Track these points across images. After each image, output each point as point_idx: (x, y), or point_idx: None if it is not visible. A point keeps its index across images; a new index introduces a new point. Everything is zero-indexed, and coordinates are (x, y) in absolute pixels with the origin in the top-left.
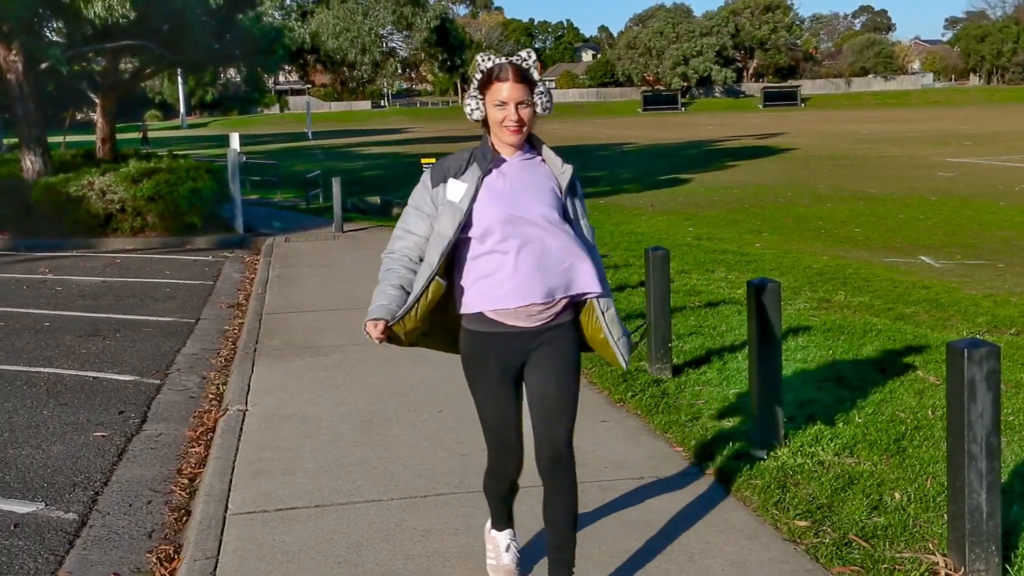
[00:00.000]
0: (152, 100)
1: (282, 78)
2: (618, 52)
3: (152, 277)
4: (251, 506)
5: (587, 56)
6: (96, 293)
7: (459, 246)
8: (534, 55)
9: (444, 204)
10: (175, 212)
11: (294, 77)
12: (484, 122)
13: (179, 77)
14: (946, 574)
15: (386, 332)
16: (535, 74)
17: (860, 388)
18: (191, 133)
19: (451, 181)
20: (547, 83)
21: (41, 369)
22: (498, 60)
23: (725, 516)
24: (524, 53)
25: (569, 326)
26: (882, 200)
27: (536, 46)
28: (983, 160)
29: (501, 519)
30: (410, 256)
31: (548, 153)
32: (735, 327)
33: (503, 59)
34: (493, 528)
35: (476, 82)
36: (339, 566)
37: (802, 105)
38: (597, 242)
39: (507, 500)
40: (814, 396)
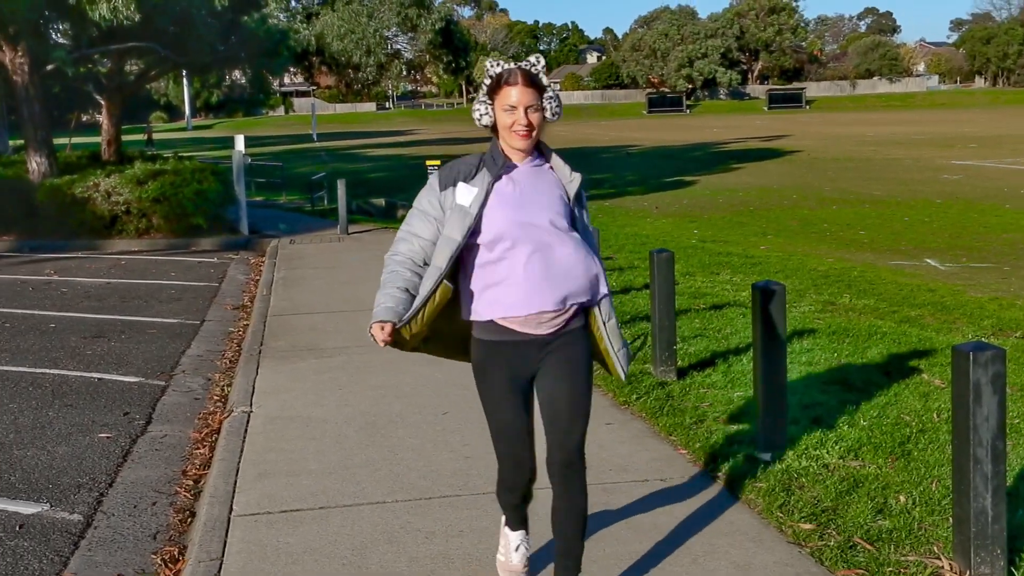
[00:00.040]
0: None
1: (287, 80)
2: (623, 54)
3: (157, 279)
4: (255, 508)
5: (592, 58)
6: (101, 295)
7: (466, 252)
8: (543, 60)
9: (453, 208)
10: (180, 214)
11: (299, 79)
12: (493, 128)
13: (184, 79)
14: None
15: (392, 335)
16: (544, 79)
17: (865, 391)
18: (196, 135)
19: (461, 185)
20: (555, 88)
21: (46, 370)
22: (507, 65)
23: (730, 519)
24: (533, 58)
25: (580, 332)
26: (887, 203)
27: (541, 48)
28: (988, 163)
29: (515, 521)
30: (414, 259)
31: (557, 161)
32: (740, 330)
33: (512, 64)
34: (507, 526)
35: (485, 87)
36: (343, 568)
37: (807, 107)
38: (601, 243)
39: (520, 509)
40: (819, 399)
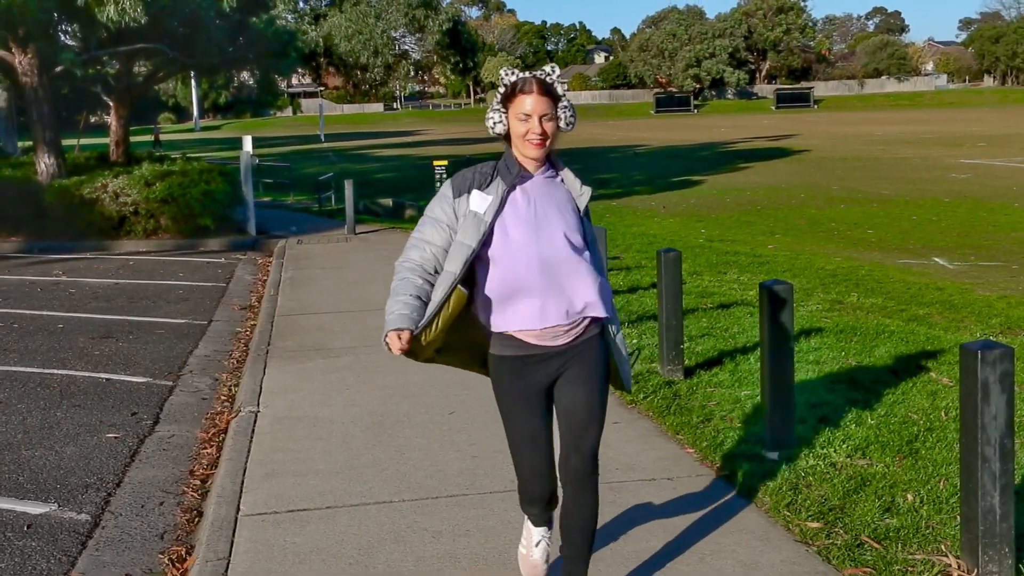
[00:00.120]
0: (165, 103)
1: (295, 81)
2: (631, 54)
3: (165, 279)
4: (263, 507)
5: (600, 58)
6: (109, 295)
7: (478, 261)
8: (558, 69)
9: (467, 215)
10: (188, 214)
11: (307, 80)
12: (506, 136)
13: (192, 80)
14: None
15: (409, 343)
16: (559, 88)
17: (872, 389)
18: (204, 136)
19: (475, 192)
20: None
21: (54, 371)
22: (522, 74)
23: (737, 517)
24: (548, 68)
25: (597, 339)
26: (895, 202)
27: (548, 48)
28: (997, 161)
29: (538, 519)
30: (425, 267)
31: (568, 174)
32: (747, 329)
33: (527, 73)
34: (530, 522)
35: (499, 96)
36: (350, 567)
37: (815, 107)
38: (608, 243)
39: (543, 514)
40: (826, 398)
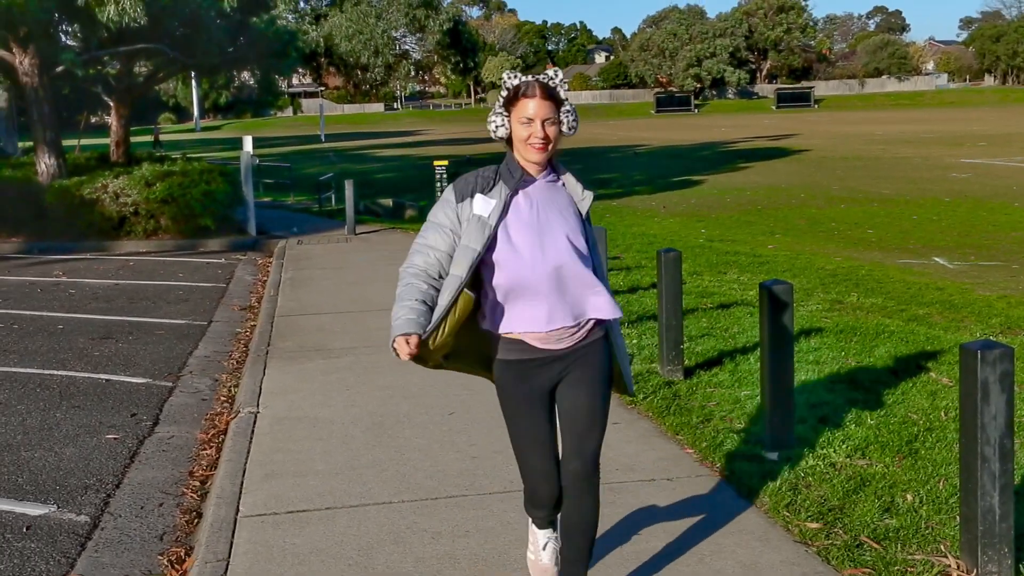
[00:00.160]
0: (166, 103)
1: (295, 81)
2: (631, 54)
3: (165, 280)
4: (262, 508)
5: (600, 58)
6: (109, 296)
7: (483, 266)
8: (560, 74)
9: (471, 219)
10: (188, 215)
11: (307, 80)
12: (508, 140)
13: (193, 80)
14: None
15: (418, 347)
16: (562, 92)
17: (872, 390)
18: (204, 136)
19: (478, 196)
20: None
21: (54, 372)
22: (525, 78)
23: (736, 518)
24: (551, 72)
25: (600, 343)
26: (896, 201)
27: (549, 48)
28: (998, 161)
29: (542, 522)
30: (429, 272)
31: (569, 179)
32: (747, 329)
33: (530, 77)
34: (534, 523)
35: (501, 99)
36: (349, 568)
37: (815, 106)
38: (608, 243)
39: (549, 517)
40: (826, 398)
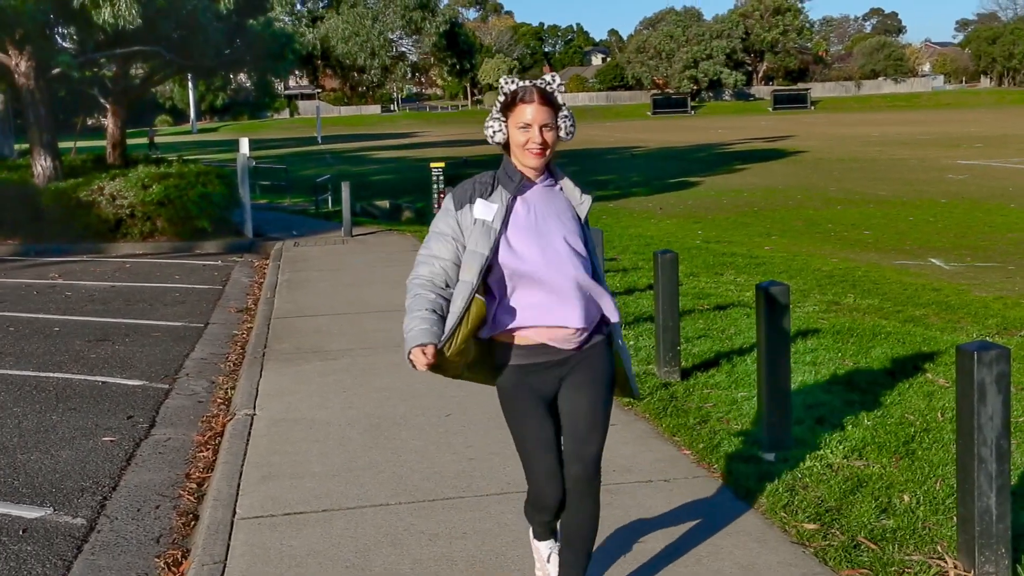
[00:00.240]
0: (162, 105)
1: (292, 83)
2: (628, 56)
3: (161, 282)
4: (259, 510)
5: (597, 60)
6: (105, 298)
7: (487, 273)
8: (558, 79)
9: (474, 224)
10: (185, 217)
11: (304, 82)
12: (505, 146)
13: (189, 82)
14: None
15: (435, 357)
16: (560, 98)
17: (869, 391)
18: (201, 138)
19: (479, 202)
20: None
21: (50, 374)
22: (522, 83)
23: (734, 519)
24: (548, 77)
25: (602, 346)
26: (892, 203)
27: (546, 50)
28: (994, 162)
29: (543, 533)
30: (436, 281)
31: (567, 183)
32: (744, 330)
33: (527, 82)
34: (535, 539)
35: (499, 104)
36: (347, 570)
37: (812, 108)
38: (605, 245)
39: (550, 524)
40: (823, 399)
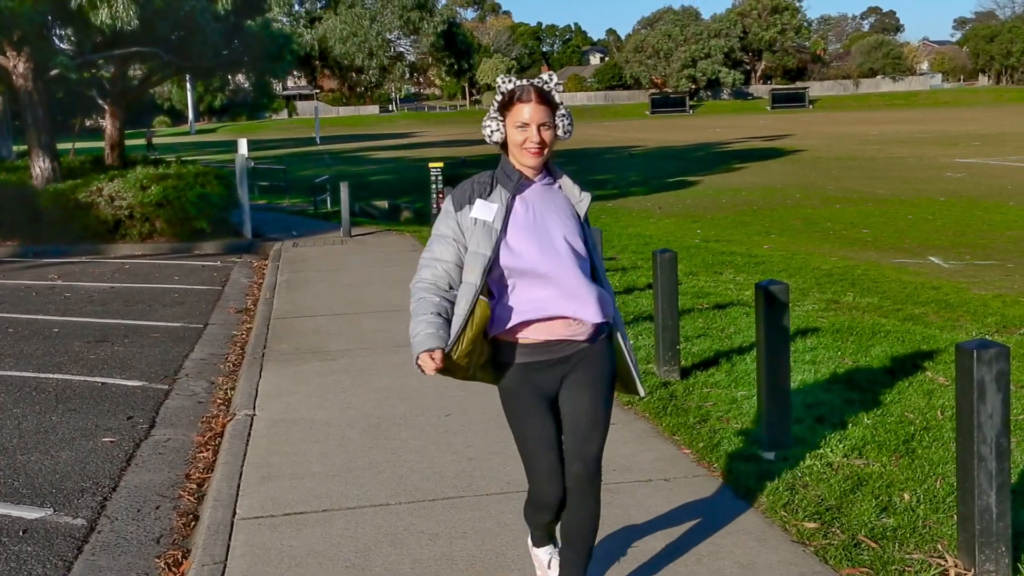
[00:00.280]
0: (161, 106)
1: (290, 83)
2: (626, 55)
3: (160, 283)
4: (259, 511)
5: (595, 59)
6: (105, 299)
7: (489, 274)
8: (555, 78)
9: (475, 225)
10: (183, 218)
11: (302, 82)
12: (503, 145)
13: (188, 83)
14: (956, 575)
15: (443, 361)
16: (557, 96)
17: (869, 389)
18: (200, 139)
19: (478, 202)
20: (560, 87)
21: (50, 375)
22: (520, 82)
23: (734, 518)
24: (545, 76)
25: (604, 345)
26: (891, 201)
27: (544, 50)
28: (992, 160)
29: (542, 537)
30: (439, 284)
31: (566, 181)
32: (743, 329)
33: (524, 81)
34: (534, 546)
35: (496, 104)
36: (347, 571)
37: (810, 107)
38: (604, 244)
39: (549, 527)
40: (823, 398)
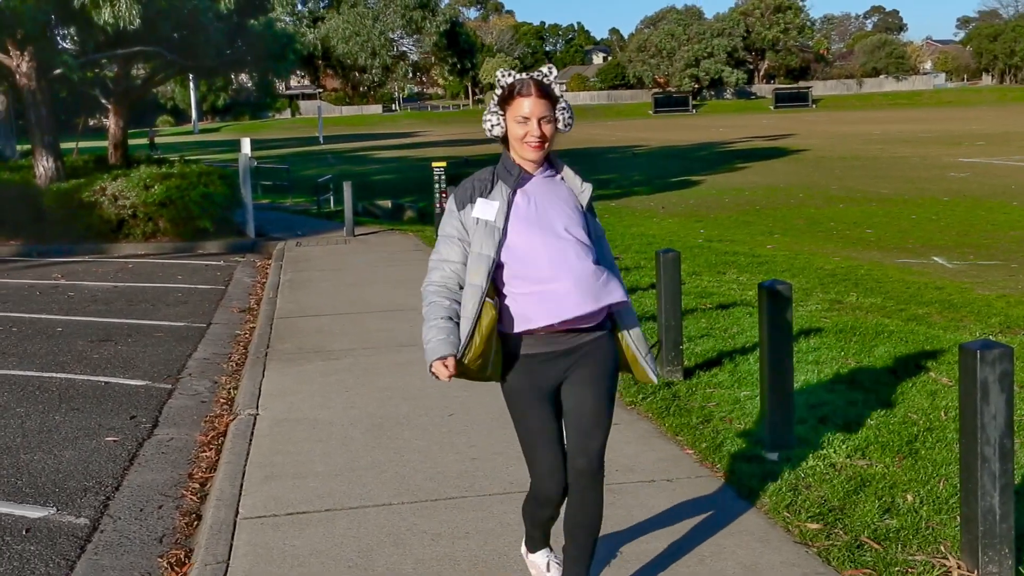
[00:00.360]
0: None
1: (293, 83)
2: (629, 54)
3: (164, 282)
4: (262, 510)
5: (598, 59)
6: (108, 298)
7: (496, 270)
8: (555, 70)
9: (477, 224)
10: (187, 217)
11: (305, 82)
12: (503, 139)
13: (191, 83)
14: None
15: (456, 368)
16: (557, 90)
17: (872, 390)
18: (203, 138)
19: (479, 201)
20: (563, 87)
21: (53, 374)
22: (519, 76)
23: (736, 519)
24: (545, 69)
25: (606, 339)
26: (894, 201)
27: (547, 49)
28: (996, 160)
29: (538, 540)
30: (449, 286)
31: (568, 172)
32: (747, 329)
33: (524, 75)
34: (529, 552)
35: (496, 98)
36: (349, 570)
37: (813, 106)
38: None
39: (547, 525)
40: (826, 398)
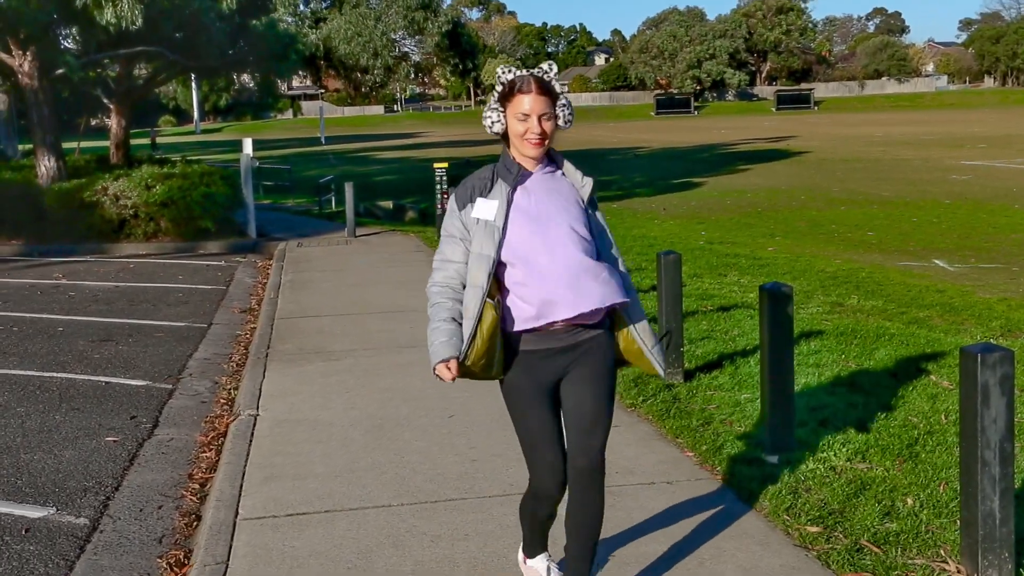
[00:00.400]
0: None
1: (295, 83)
2: (631, 56)
3: (165, 282)
4: (261, 511)
5: (600, 60)
6: (109, 298)
7: (498, 268)
8: (555, 67)
9: (477, 224)
10: (188, 217)
11: (307, 82)
12: (504, 136)
13: (193, 83)
14: None
15: (459, 370)
16: (557, 86)
17: (873, 393)
18: (204, 138)
19: (479, 200)
20: (564, 87)
21: (54, 374)
22: (519, 72)
23: (736, 522)
24: (545, 65)
25: (605, 337)
26: (895, 203)
27: (549, 50)
28: (998, 163)
29: (536, 544)
30: (452, 286)
31: (568, 167)
32: (747, 331)
33: (524, 71)
34: (527, 558)
35: (496, 95)
36: (349, 572)
37: (815, 108)
38: None
39: (545, 525)
40: (826, 401)
